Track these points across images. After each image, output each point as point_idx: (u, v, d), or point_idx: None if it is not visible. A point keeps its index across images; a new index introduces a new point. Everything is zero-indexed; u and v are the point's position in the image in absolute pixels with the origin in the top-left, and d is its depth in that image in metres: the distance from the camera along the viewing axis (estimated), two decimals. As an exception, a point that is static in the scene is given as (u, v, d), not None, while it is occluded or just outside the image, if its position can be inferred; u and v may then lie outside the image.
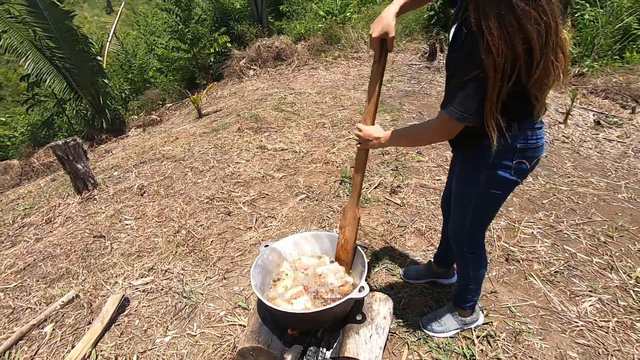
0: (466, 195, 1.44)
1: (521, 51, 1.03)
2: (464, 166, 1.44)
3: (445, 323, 1.77)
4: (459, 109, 1.16)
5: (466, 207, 1.46)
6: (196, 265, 2.51)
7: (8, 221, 3.96)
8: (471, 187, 1.40)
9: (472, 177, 1.38)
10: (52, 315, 2.20)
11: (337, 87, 6.37)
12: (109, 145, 7.97)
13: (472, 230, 1.53)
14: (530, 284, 2.07)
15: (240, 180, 3.62)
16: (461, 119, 1.18)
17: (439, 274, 2.07)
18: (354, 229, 1.74)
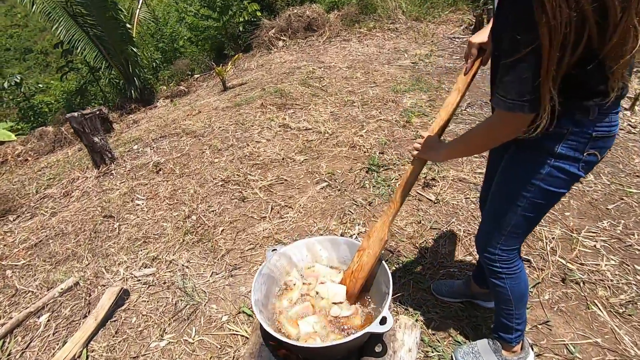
0: (516, 192, 1.16)
1: (589, 10, 0.78)
2: (518, 157, 1.16)
3: (483, 359, 1.45)
4: (509, 97, 0.92)
5: (513, 208, 1.19)
6: (203, 257, 2.30)
7: (32, 191, 3.95)
8: (525, 183, 1.13)
9: (529, 171, 1.12)
10: (49, 304, 2.08)
11: (370, 61, 5.87)
12: (137, 116, 7.94)
13: (512, 237, 1.24)
14: (593, 315, 1.68)
15: (258, 161, 3.36)
16: (514, 108, 0.93)
17: (478, 295, 1.72)
18: (374, 253, 1.41)
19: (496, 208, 1.25)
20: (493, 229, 1.27)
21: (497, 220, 1.24)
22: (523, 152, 1.13)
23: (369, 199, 2.62)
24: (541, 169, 1.09)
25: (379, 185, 2.76)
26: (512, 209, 1.19)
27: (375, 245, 1.41)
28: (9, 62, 22.10)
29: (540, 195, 1.13)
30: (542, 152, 1.07)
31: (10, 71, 18.82)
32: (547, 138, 1.03)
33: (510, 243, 1.26)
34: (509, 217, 1.20)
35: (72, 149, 6.32)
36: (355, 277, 1.43)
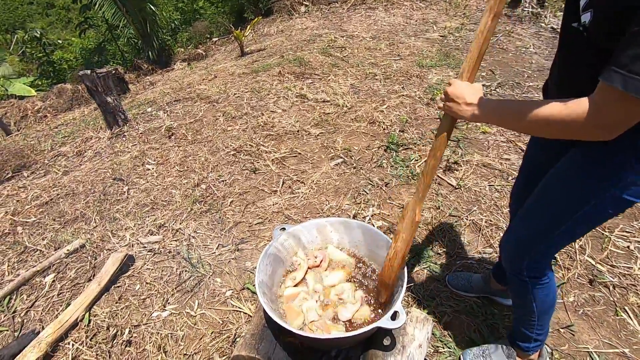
0: (564, 213, 0.98)
1: None
2: (581, 167, 0.93)
3: None
4: None
5: (555, 227, 1.00)
6: (210, 228, 2.23)
7: (47, 147, 3.95)
8: (579, 204, 0.94)
9: (590, 188, 0.91)
10: (55, 264, 2.06)
11: (396, 32, 5.53)
12: (154, 78, 7.84)
13: (548, 248, 1.08)
14: (622, 322, 1.55)
15: (272, 132, 3.23)
16: None
17: (497, 292, 1.60)
18: (406, 238, 1.21)
19: (535, 222, 1.06)
20: (527, 241, 1.09)
21: (534, 234, 1.07)
22: (588, 163, 0.90)
23: (385, 180, 2.48)
24: (607, 192, 0.88)
25: (397, 166, 2.61)
26: (554, 227, 1.01)
27: (408, 228, 1.21)
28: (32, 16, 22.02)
29: (594, 216, 0.94)
30: (613, 172, 0.85)
31: (32, 25, 18.78)
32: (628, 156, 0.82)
33: (545, 254, 1.10)
34: (548, 235, 1.03)
35: (88, 107, 6.31)
36: (391, 265, 1.25)
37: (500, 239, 1.24)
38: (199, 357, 1.54)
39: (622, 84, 0.66)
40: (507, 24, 5.55)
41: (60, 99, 8.06)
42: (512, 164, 2.57)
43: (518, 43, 4.84)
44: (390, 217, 2.19)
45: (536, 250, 1.08)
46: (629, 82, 0.65)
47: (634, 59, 0.65)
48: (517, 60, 4.31)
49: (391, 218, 2.18)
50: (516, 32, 5.21)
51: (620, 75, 0.66)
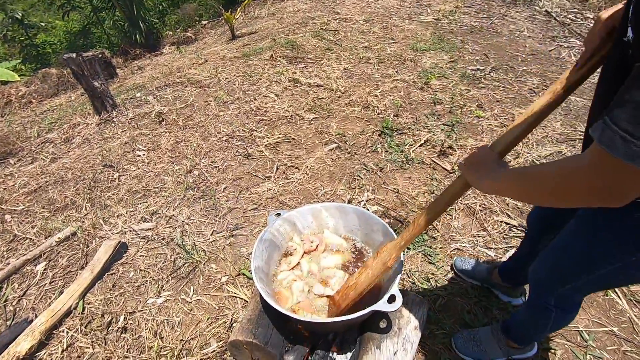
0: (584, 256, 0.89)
1: None
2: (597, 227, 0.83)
3: (485, 348, 1.36)
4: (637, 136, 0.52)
5: (589, 268, 0.90)
6: (204, 215, 2.21)
7: (33, 134, 3.85)
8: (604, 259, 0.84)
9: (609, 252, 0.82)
10: (46, 252, 2.03)
11: (390, 15, 5.44)
12: (142, 62, 7.64)
13: (580, 289, 0.98)
14: (611, 302, 1.59)
15: (265, 117, 3.18)
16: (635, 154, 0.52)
17: (497, 286, 1.59)
18: (372, 275, 1.17)
19: (566, 262, 0.96)
20: (558, 278, 0.99)
21: (566, 273, 0.96)
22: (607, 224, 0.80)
23: (380, 165, 2.47)
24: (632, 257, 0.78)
25: (391, 150, 2.60)
26: (583, 273, 0.91)
27: (377, 268, 1.17)
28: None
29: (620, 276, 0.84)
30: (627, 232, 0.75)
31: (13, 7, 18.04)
32: None
33: (575, 293, 1.00)
34: (581, 277, 0.93)
35: (75, 93, 6.14)
36: (346, 295, 1.21)
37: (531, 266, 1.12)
38: (195, 342, 1.54)
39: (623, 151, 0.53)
40: (502, 6, 5.49)
41: (45, 84, 7.83)
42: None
43: (512, 26, 4.80)
44: (385, 202, 2.19)
45: (568, 287, 0.99)
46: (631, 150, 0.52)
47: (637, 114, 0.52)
48: (511, 44, 4.28)
49: (386, 203, 2.18)
50: (510, 15, 5.17)
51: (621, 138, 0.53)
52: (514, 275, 1.50)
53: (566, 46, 4.19)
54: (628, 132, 0.52)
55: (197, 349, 1.51)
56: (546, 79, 3.53)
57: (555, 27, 4.62)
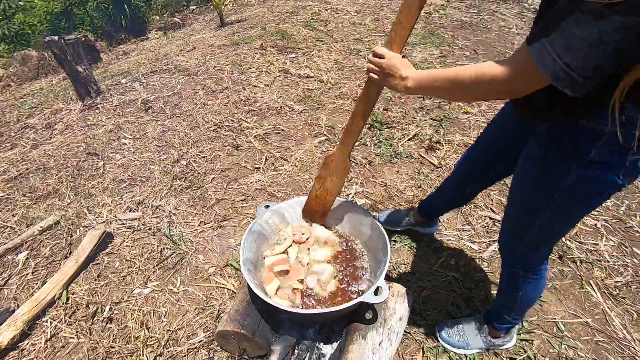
0: (537, 199, 0.96)
1: None
2: (543, 155, 0.91)
3: (467, 337, 1.41)
4: (564, 58, 0.64)
5: (533, 215, 0.99)
6: (191, 205, 2.20)
7: (12, 119, 3.72)
8: (549, 190, 0.92)
9: (554, 175, 0.89)
10: (28, 241, 1.99)
11: (381, 7, 5.42)
12: (127, 47, 7.43)
13: (536, 244, 1.07)
14: (586, 295, 1.66)
15: (254, 108, 3.15)
16: (562, 79, 0.65)
17: (419, 223, 1.85)
18: (340, 179, 1.41)
19: (515, 210, 1.07)
20: (518, 232, 1.08)
21: (519, 225, 1.06)
22: (550, 149, 0.89)
23: (369, 158, 2.49)
24: (569, 176, 0.86)
25: (380, 144, 2.62)
26: (533, 218, 0.99)
27: (340, 172, 1.39)
28: (-13, -27, 20.16)
29: (569, 206, 0.92)
30: (573, 155, 0.83)
31: (-12, -16, 17.20)
32: (582, 137, 0.80)
33: (535, 250, 1.09)
34: (530, 226, 1.01)
35: (57, 77, 5.94)
36: (322, 198, 1.47)
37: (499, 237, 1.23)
38: (182, 332, 1.55)
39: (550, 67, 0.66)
40: (492, 2, 5.53)
41: (24, 67, 7.54)
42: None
43: (501, 23, 4.85)
44: (373, 195, 2.21)
45: (525, 242, 1.07)
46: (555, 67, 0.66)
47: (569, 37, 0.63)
48: (500, 40, 4.33)
49: (374, 196, 2.20)
50: (500, 11, 5.21)
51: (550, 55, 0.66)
52: (430, 210, 1.73)
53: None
54: (559, 56, 0.64)
55: (184, 339, 1.52)
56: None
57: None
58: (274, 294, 1.32)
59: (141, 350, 1.47)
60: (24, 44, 9.99)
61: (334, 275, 1.40)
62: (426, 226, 1.86)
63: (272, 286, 1.33)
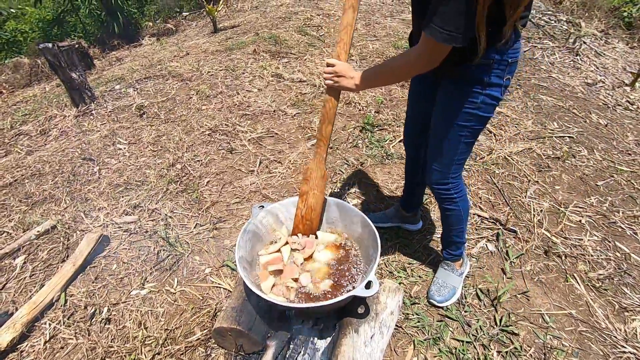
0: (459, 125, 1.27)
1: None
2: (455, 93, 1.24)
3: (450, 284, 1.64)
4: (446, 29, 0.95)
5: (458, 139, 1.31)
6: (187, 208, 2.23)
7: (6, 126, 3.72)
8: (466, 114, 1.24)
9: (467, 103, 1.22)
10: (25, 245, 2.01)
11: (372, 12, 5.52)
12: (121, 53, 7.46)
13: (459, 165, 1.39)
14: (571, 287, 1.72)
15: (248, 112, 3.20)
16: (449, 40, 0.97)
17: (406, 219, 1.97)
18: (321, 191, 1.49)
19: (444, 144, 1.34)
20: (445, 163, 1.37)
21: (447, 155, 1.35)
22: (458, 87, 1.22)
23: (361, 159, 2.55)
24: (477, 99, 1.20)
25: (372, 146, 2.68)
26: (457, 140, 1.30)
27: (320, 184, 1.48)
28: (-23, -19, 20.04)
29: (478, 122, 1.26)
30: (475, 84, 1.17)
31: (-21, -8, 17.08)
32: (478, 70, 1.14)
33: (459, 170, 1.41)
34: (456, 148, 1.32)
35: (50, 84, 5.96)
36: (309, 219, 1.53)
37: (425, 175, 1.53)
38: (179, 331, 1.58)
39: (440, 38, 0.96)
40: None
41: (17, 74, 7.53)
42: (480, 144, 2.71)
43: (489, 27, 4.96)
44: (365, 195, 2.26)
45: (451, 170, 1.39)
46: (443, 36, 0.95)
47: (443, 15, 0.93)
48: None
49: (366, 196, 2.26)
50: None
51: (438, 30, 0.95)
52: (410, 201, 1.90)
53: (540, 47, 4.37)
54: (442, 28, 0.95)
55: (181, 337, 1.55)
56: (520, 79, 3.68)
57: (530, 28, 4.80)
58: (269, 291, 1.36)
59: (139, 349, 1.50)
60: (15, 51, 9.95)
61: (327, 274, 1.44)
62: (411, 222, 1.99)
63: (267, 283, 1.37)
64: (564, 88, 3.59)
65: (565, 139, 2.82)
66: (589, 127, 3.01)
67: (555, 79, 3.74)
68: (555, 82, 3.69)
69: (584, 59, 4.17)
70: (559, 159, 2.58)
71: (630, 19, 5.09)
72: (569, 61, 4.13)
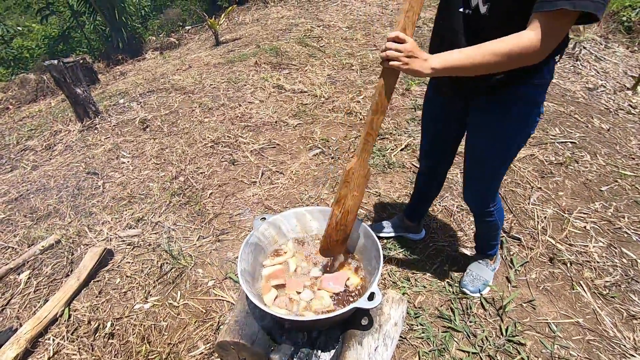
0: (508, 146, 1.26)
1: None
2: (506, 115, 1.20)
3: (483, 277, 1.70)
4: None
5: (504, 159, 1.31)
6: (190, 220, 2.24)
7: (12, 141, 3.78)
8: (516, 135, 1.23)
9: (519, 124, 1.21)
10: (30, 261, 2.02)
11: (372, 22, 5.57)
12: (125, 67, 7.57)
13: (499, 181, 1.41)
14: (577, 295, 1.70)
15: (250, 123, 3.23)
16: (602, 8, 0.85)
17: (409, 228, 1.97)
18: (361, 192, 1.31)
19: (487, 164, 1.33)
20: (488, 182, 1.38)
21: (491, 175, 1.35)
22: (506, 108, 1.18)
23: (362, 169, 2.55)
24: (528, 119, 1.19)
25: (373, 155, 2.68)
26: (503, 160, 1.30)
27: (361, 183, 1.29)
28: (-14, 0, 20.53)
29: (525, 140, 1.26)
30: (529, 105, 1.15)
31: (-14, 11, 17.49)
32: (535, 90, 1.13)
33: (497, 186, 1.43)
34: (500, 168, 1.32)
35: (55, 99, 6.05)
36: (344, 224, 1.34)
37: (465, 195, 1.53)
38: (183, 345, 1.58)
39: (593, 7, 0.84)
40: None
41: (23, 89, 7.66)
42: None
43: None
44: (367, 205, 2.26)
45: (495, 189, 1.43)
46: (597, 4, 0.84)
47: None
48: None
49: (368, 206, 2.26)
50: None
51: None
52: (416, 212, 1.90)
53: (539, 53, 4.38)
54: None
55: (184, 352, 1.54)
56: (520, 85, 3.68)
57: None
58: (272, 303, 1.36)
59: (143, 365, 1.50)
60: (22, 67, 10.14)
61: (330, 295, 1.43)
62: (414, 231, 1.99)
63: (270, 296, 1.37)
64: (565, 93, 3.59)
65: (568, 145, 2.81)
66: (591, 132, 3.00)
67: (555, 85, 3.74)
68: (556, 87, 3.69)
69: (584, 64, 4.17)
70: (562, 165, 2.57)
71: (629, 23, 5.11)
72: (569, 66, 4.14)
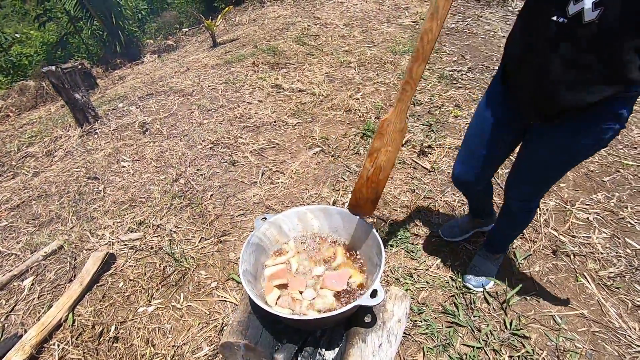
0: (573, 161, 1.22)
1: None
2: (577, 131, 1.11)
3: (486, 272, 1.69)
4: None
5: (564, 171, 1.28)
6: (191, 223, 2.24)
7: (13, 148, 3.79)
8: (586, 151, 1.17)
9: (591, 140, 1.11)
10: (33, 267, 2.03)
11: (369, 19, 5.55)
12: (123, 71, 7.58)
13: (551, 185, 1.37)
14: (581, 287, 1.69)
15: (249, 124, 3.23)
16: None
17: (478, 225, 1.93)
18: (396, 148, 1.19)
19: (548, 177, 1.30)
20: (540, 189, 1.36)
21: (546, 183, 1.33)
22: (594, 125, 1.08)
23: (362, 166, 2.54)
24: (605, 135, 1.08)
25: (373, 152, 2.67)
26: (562, 171, 1.27)
27: (396, 138, 1.18)
28: (-17, 8, 20.57)
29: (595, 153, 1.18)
30: (610, 120, 1.05)
31: (-16, 19, 17.53)
32: (620, 104, 1.02)
33: (542, 193, 1.41)
34: (557, 178, 1.30)
35: (55, 105, 6.07)
36: (375, 181, 1.25)
37: (509, 191, 1.45)
38: (187, 347, 1.58)
39: None
40: (477, 7, 5.67)
41: (23, 96, 7.68)
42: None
43: (487, 27, 4.96)
44: (369, 202, 2.25)
45: (545, 191, 1.39)
46: None
47: None
48: (486, 44, 4.44)
49: (369, 203, 2.25)
50: (485, 16, 5.34)
51: None
52: (482, 211, 1.85)
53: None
54: None
55: (189, 353, 1.55)
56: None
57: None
58: (275, 303, 1.36)
59: (148, 367, 1.50)
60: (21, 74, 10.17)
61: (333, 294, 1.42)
62: (487, 224, 1.94)
63: (273, 296, 1.37)
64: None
65: (569, 136, 2.79)
66: (592, 123, 2.98)
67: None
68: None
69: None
70: (563, 157, 2.56)
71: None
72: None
